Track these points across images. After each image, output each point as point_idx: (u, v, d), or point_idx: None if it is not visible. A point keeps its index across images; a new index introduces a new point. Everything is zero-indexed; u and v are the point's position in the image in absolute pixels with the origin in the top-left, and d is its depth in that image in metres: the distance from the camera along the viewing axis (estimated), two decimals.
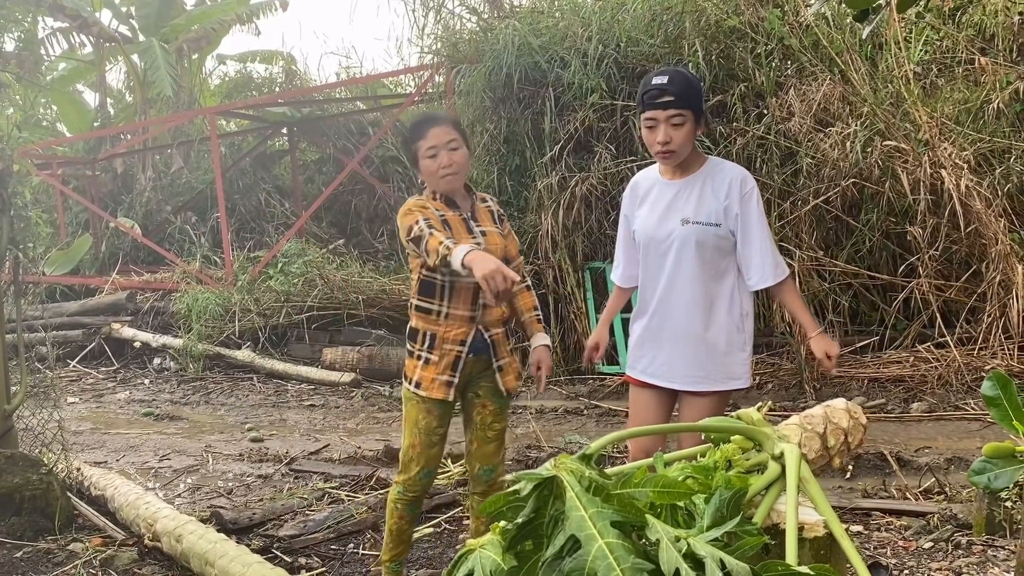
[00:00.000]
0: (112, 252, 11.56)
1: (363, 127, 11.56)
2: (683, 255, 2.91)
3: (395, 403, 6.84)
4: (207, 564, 3.25)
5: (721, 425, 1.37)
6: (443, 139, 2.94)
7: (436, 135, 2.95)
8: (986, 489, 2.87)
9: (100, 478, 4.39)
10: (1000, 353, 6.06)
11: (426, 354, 2.98)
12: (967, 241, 6.30)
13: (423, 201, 3.02)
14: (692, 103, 2.85)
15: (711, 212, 2.89)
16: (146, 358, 8.80)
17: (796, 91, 6.75)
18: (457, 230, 2.95)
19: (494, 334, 3.03)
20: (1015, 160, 6.38)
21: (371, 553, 3.70)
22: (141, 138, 12.54)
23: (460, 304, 2.96)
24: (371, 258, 9.78)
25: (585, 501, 1.03)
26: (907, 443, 5.03)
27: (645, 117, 2.88)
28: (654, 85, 2.85)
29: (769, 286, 2.94)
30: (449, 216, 2.98)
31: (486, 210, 3.13)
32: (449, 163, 2.95)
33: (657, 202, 2.99)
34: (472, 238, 2.95)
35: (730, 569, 0.97)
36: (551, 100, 7.49)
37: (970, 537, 3.48)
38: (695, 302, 2.92)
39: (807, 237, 6.62)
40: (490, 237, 3.02)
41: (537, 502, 1.06)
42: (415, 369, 2.99)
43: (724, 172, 2.94)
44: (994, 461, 1.89)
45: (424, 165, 2.98)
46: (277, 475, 5.04)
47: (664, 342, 2.98)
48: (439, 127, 2.97)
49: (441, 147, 2.94)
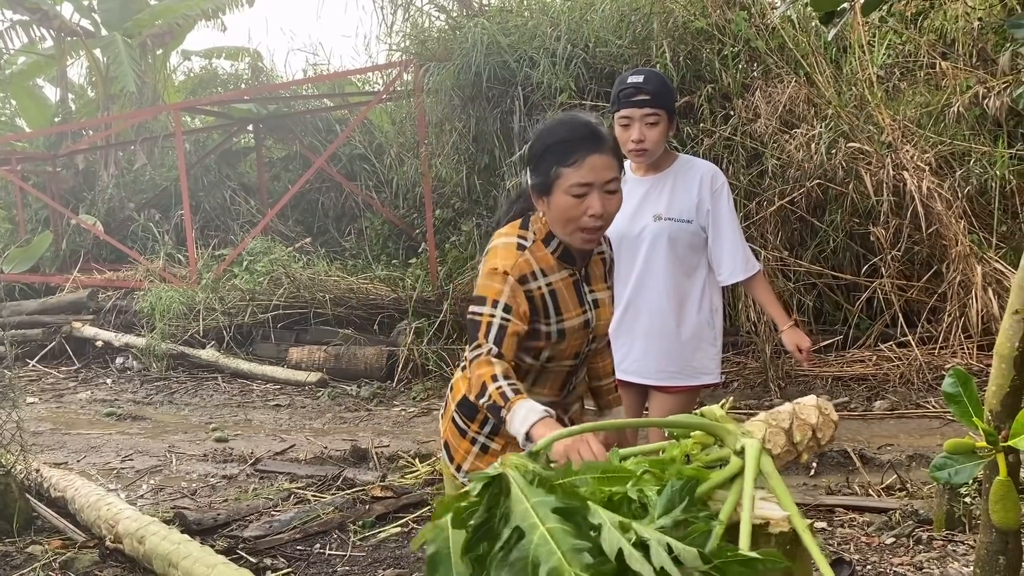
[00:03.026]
0: (73, 250, 11.36)
1: (330, 124, 11.48)
2: (655, 251, 2.94)
3: (362, 403, 6.80)
4: (170, 565, 3.21)
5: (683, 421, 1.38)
6: (602, 176, 2.08)
7: (595, 166, 2.07)
8: (947, 484, 2.93)
9: (60, 479, 4.31)
10: (960, 352, 6.18)
11: (484, 439, 2.23)
12: (928, 242, 6.40)
13: (528, 259, 2.14)
14: (666, 103, 2.88)
15: (683, 208, 2.93)
16: (108, 357, 8.66)
17: (762, 93, 6.82)
18: (565, 303, 2.18)
19: (572, 414, 2.36)
20: (975, 163, 6.51)
21: (337, 553, 3.68)
22: (103, 134, 12.35)
23: (546, 390, 2.25)
24: (338, 257, 9.71)
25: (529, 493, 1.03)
26: (870, 440, 5.11)
27: (620, 115, 2.91)
28: (630, 84, 2.87)
29: (740, 280, 2.98)
30: (557, 283, 2.17)
31: (600, 260, 2.32)
32: (601, 212, 2.09)
33: (629, 199, 3.00)
34: (582, 312, 2.21)
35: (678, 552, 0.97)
36: (520, 99, 7.49)
37: (931, 532, 3.54)
38: (667, 298, 2.95)
39: (772, 237, 6.69)
40: (601, 309, 2.27)
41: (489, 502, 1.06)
42: (467, 454, 2.26)
43: (695, 169, 2.98)
44: (954, 457, 1.92)
45: (559, 203, 2.09)
46: (242, 475, 4.99)
47: (636, 338, 3.00)
48: (602, 155, 2.08)
49: (597, 187, 2.07)
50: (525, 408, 1.92)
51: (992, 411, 2.08)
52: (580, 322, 2.21)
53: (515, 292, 2.09)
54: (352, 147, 10.89)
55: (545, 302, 2.15)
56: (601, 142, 2.09)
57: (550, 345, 2.18)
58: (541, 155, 2.14)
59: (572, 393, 2.33)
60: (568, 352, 2.22)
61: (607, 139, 2.12)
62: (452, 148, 8.07)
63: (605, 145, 2.10)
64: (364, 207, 10.47)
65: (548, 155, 2.11)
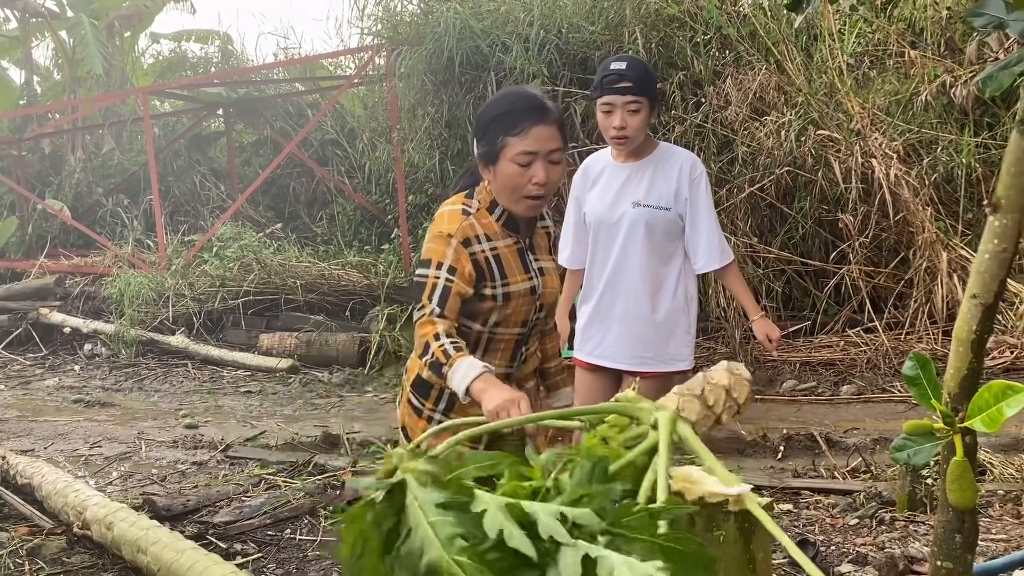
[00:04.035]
0: (40, 235, 11.19)
1: (301, 109, 11.38)
2: (633, 237, 2.95)
3: (333, 389, 6.78)
4: (139, 551, 3.20)
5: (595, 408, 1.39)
6: (547, 145, 2.15)
7: (539, 137, 2.14)
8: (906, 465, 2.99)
9: (27, 466, 4.27)
10: (926, 337, 6.28)
11: (440, 416, 2.29)
12: (896, 229, 6.49)
13: (472, 223, 2.21)
14: (648, 90, 2.90)
15: (662, 196, 2.95)
16: (76, 344, 8.56)
17: (733, 80, 6.86)
18: (510, 268, 2.24)
19: (528, 391, 2.36)
20: (941, 151, 6.60)
21: (308, 538, 3.68)
22: (70, 117, 12.15)
23: (497, 359, 2.28)
24: (309, 242, 9.66)
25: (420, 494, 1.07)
26: (836, 424, 5.18)
27: (602, 102, 2.91)
28: (613, 70, 2.88)
29: (715, 269, 3.01)
30: (503, 248, 2.24)
31: (544, 232, 2.39)
32: (544, 181, 2.16)
33: (609, 185, 3.02)
34: (528, 278, 2.26)
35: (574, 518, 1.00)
36: (493, 85, 7.47)
37: (893, 513, 3.60)
38: (643, 284, 2.97)
39: (742, 224, 6.74)
40: (547, 277, 2.32)
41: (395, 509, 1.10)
42: (422, 432, 2.19)
43: (675, 157, 3.00)
44: (913, 438, 1.96)
45: (505, 171, 2.16)
46: (212, 461, 4.97)
47: (613, 324, 3.02)
48: (546, 126, 2.15)
49: (541, 156, 2.14)
50: (466, 364, 2.01)
51: (951, 393, 2.11)
52: (526, 287, 2.26)
53: (459, 254, 2.16)
54: (324, 132, 10.81)
55: (489, 265, 2.20)
56: (546, 113, 2.17)
57: (496, 308, 2.22)
58: (488, 125, 2.20)
59: (523, 366, 2.36)
60: (515, 318, 2.27)
61: (552, 111, 2.19)
62: (425, 133, 8.04)
63: (550, 116, 2.17)
64: (336, 192, 10.40)
65: (495, 125, 2.18)
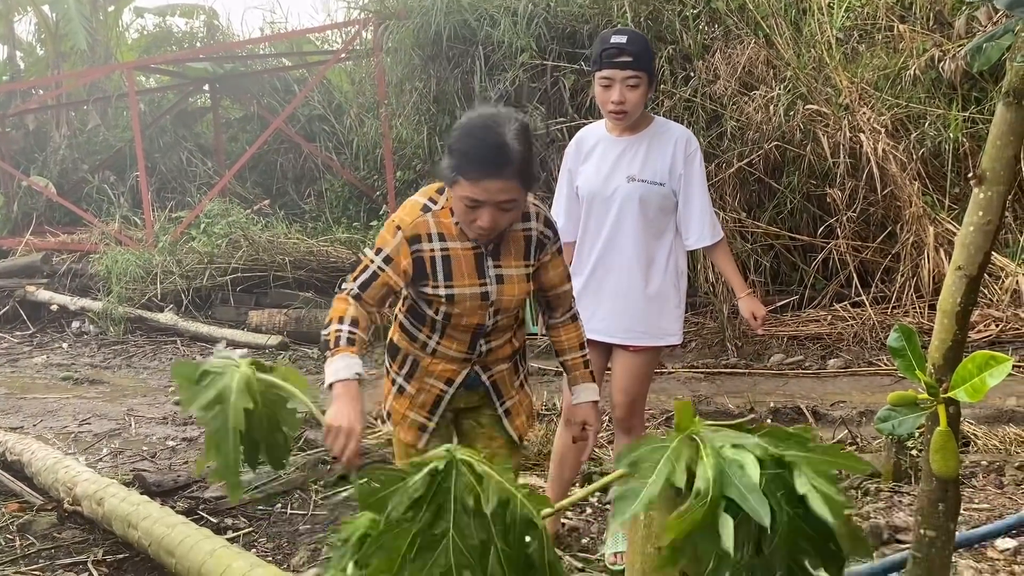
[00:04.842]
0: (25, 212, 11.10)
1: (288, 84, 11.30)
2: (626, 211, 2.95)
3: (323, 366, 6.79)
4: (130, 526, 3.21)
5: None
6: (496, 196, 2.07)
7: (490, 189, 2.05)
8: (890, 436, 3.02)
9: (16, 443, 4.26)
10: (912, 311, 6.32)
11: (402, 381, 2.37)
12: (883, 203, 6.51)
13: (428, 220, 2.21)
14: (648, 65, 2.88)
15: (656, 171, 2.94)
16: (64, 321, 8.52)
17: (722, 54, 6.84)
18: (459, 270, 2.21)
19: (496, 374, 2.38)
20: (929, 125, 6.61)
21: (299, 512, 3.70)
22: (54, 93, 12.03)
23: (454, 345, 2.31)
24: (298, 219, 9.62)
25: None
26: (823, 397, 5.23)
27: (601, 76, 2.90)
28: (612, 44, 2.85)
29: (706, 246, 3.02)
30: (455, 250, 2.21)
31: (522, 237, 2.28)
32: (491, 227, 2.12)
33: (603, 159, 3.01)
34: (480, 284, 2.23)
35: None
36: (481, 59, 7.43)
37: (878, 484, 3.65)
38: (636, 259, 2.97)
39: (731, 199, 6.75)
40: (506, 285, 2.25)
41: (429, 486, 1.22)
42: (388, 395, 2.42)
43: (670, 132, 3.00)
44: (898, 409, 1.99)
45: (455, 201, 2.14)
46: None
47: (604, 298, 3.02)
48: (500, 181, 2.05)
49: (489, 204, 2.08)
50: (343, 363, 2.10)
51: (935, 364, 2.14)
52: (475, 292, 2.23)
53: (401, 248, 2.19)
54: (311, 108, 10.74)
55: (435, 265, 2.20)
56: (503, 167, 2.05)
57: (443, 305, 2.23)
58: (451, 151, 2.13)
59: (487, 355, 2.34)
60: (467, 319, 2.26)
61: (511, 164, 2.05)
62: (413, 109, 8.00)
63: (508, 170, 2.05)
64: (324, 169, 10.35)
65: (455, 156, 2.10)
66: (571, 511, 3.57)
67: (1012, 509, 3.33)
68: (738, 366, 6.06)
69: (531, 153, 2.13)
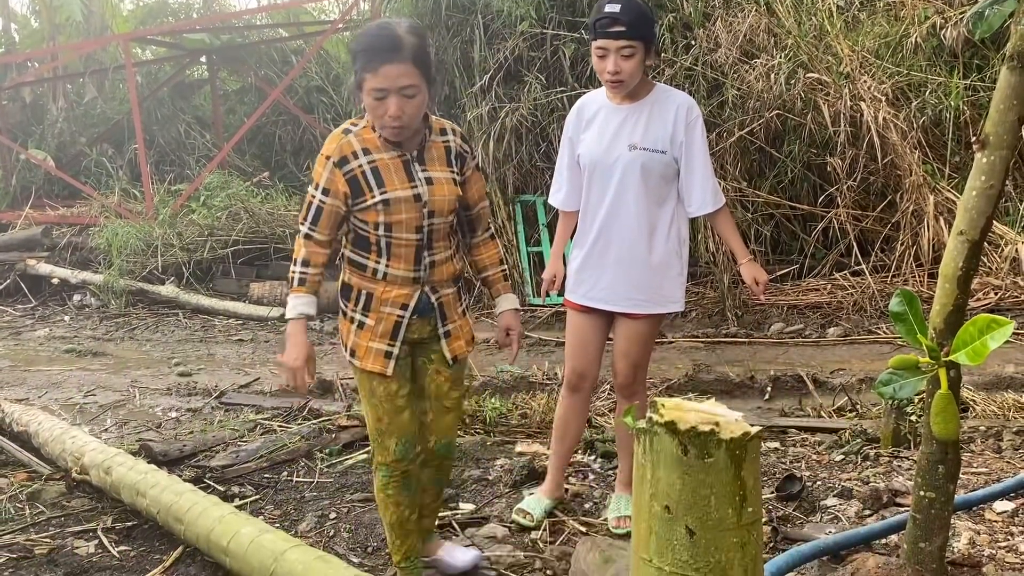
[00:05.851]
0: (24, 186, 11.07)
1: (286, 55, 11.22)
2: (628, 180, 2.95)
3: (326, 337, 6.82)
4: (138, 495, 3.24)
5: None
6: (397, 83, 2.28)
7: (388, 75, 2.27)
8: (891, 399, 3.05)
9: (22, 414, 4.30)
10: (911, 280, 6.35)
11: (360, 316, 2.52)
12: (883, 172, 6.51)
13: (351, 141, 2.44)
14: (644, 33, 2.85)
15: (658, 138, 2.94)
16: (65, 295, 8.54)
17: (723, 22, 6.80)
18: (389, 177, 2.42)
19: (443, 296, 2.57)
20: (930, 94, 6.59)
21: (305, 480, 3.74)
22: (50, 65, 11.94)
23: (401, 263, 2.48)
24: (297, 191, 9.59)
25: None
26: (823, 365, 5.27)
27: (596, 46, 2.88)
28: (606, 13, 2.83)
29: (708, 213, 3.02)
30: (383, 160, 2.42)
31: (443, 146, 2.53)
32: (399, 114, 2.32)
33: (605, 126, 3.00)
34: (411, 186, 2.43)
35: None
36: (480, 28, 7.39)
37: (878, 450, 3.69)
38: (638, 227, 2.97)
39: (732, 168, 6.75)
40: (436, 186, 2.47)
41: None
42: (349, 334, 2.55)
43: (671, 99, 2.99)
44: (899, 372, 2.01)
45: (368, 103, 2.36)
46: (207, 408, 5.01)
47: (607, 266, 3.03)
48: (396, 65, 2.27)
49: (392, 92, 2.30)
50: (292, 303, 2.47)
51: (936, 329, 2.16)
52: (408, 195, 2.43)
53: (333, 175, 2.43)
54: (309, 79, 10.68)
55: (366, 177, 2.42)
56: (397, 52, 2.28)
57: (380, 214, 2.42)
58: (353, 58, 2.38)
59: (431, 270, 2.53)
60: (406, 224, 2.45)
61: (404, 48, 2.29)
62: None
63: (402, 54, 2.28)
64: (322, 140, 10.31)
65: (357, 59, 2.35)
66: (574, 477, 3.61)
67: (1010, 473, 3.37)
68: (738, 335, 6.09)
69: (425, 44, 2.37)
